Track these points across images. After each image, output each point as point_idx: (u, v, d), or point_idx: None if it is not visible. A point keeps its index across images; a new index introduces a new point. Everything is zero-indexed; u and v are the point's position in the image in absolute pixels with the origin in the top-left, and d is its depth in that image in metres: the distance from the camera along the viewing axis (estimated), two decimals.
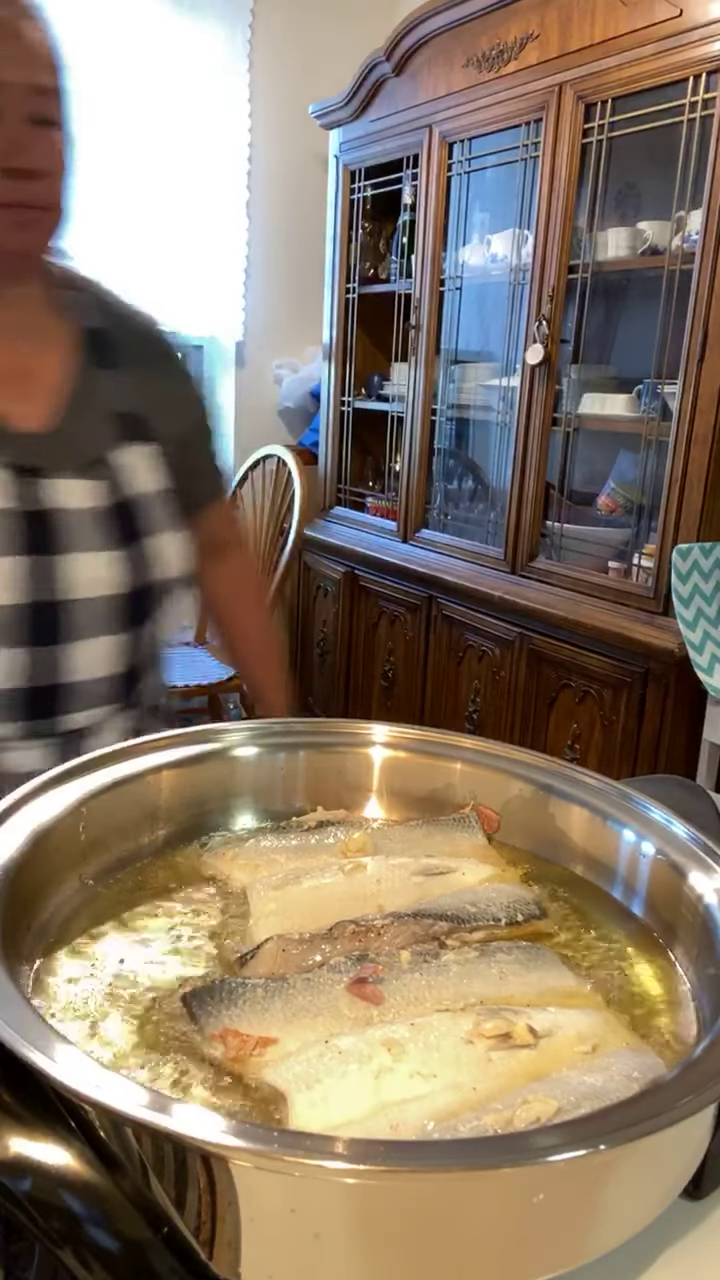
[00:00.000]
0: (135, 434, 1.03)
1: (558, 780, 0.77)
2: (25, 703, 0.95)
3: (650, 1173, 0.45)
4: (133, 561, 0.98)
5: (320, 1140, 0.41)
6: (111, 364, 1.05)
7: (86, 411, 1.01)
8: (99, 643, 0.98)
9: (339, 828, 0.76)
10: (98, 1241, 0.41)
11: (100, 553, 0.97)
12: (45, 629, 0.95)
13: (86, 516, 0.97)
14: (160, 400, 1.08)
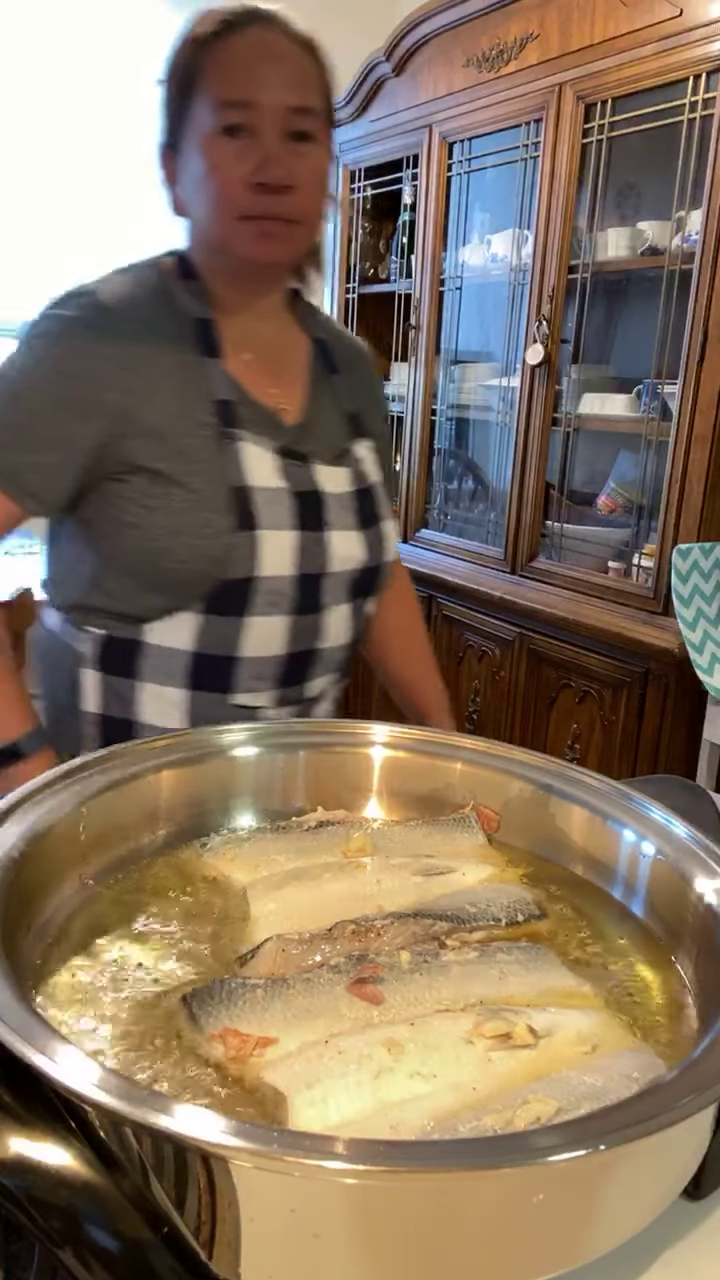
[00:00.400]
0: (360, 431, 1.14)
1: (558, 780, 0.77)
2: (285, 669, 1.04)
3: (650, 1173, 0.45)
4: (370, 542, 1.09)
5: (320, 1140, 0.41)
6: (334, 369, 1.15)
7: (326, 409, 1.11)
8: (342, 611, 1.08)
9: (339, 828, 0.76)
10: (98, 1241, 0.41)
11: (351, 531, 1.07)
12: (309, 598, 1.04)
13: (341, 499, 1.07)
14: (367, 403, 1.19)
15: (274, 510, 1.01)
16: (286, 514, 1.02)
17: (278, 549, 1.01)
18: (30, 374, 1.02)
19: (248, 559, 0.99)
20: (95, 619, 1.07)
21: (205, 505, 0.99)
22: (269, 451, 1.02)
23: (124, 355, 1.01)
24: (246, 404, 1.04)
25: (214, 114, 0.97)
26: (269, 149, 0.95)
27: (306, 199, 0.99)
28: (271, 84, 0.96)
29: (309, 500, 1.04)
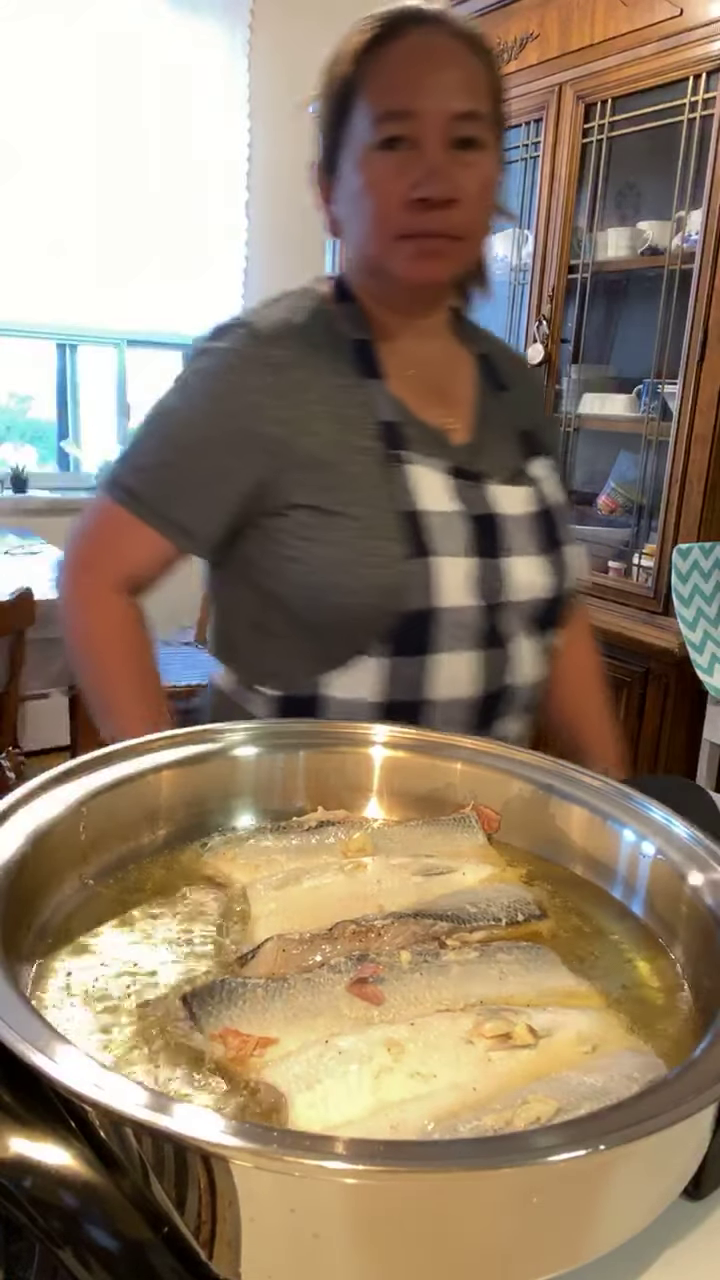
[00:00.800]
0: (534, 449, 1.07)
1: (558, 780, 0.77)
2: (477, 711, 0.97)
3: (650, 1173, 0.45)
4: (555, 567, 1.02)
5: (320, 1140, 0.41)
6: (501, 386, 1.09)
7: (497, 427, 1.05)
8: (529, 645, 1.00)
9: (339, 828, 0.76)
10: (98, 1241, 0.41)
11: (533, 557, 1.00)
12: (495, 631, 0.97)
13: (521, 522, 1.00)
14: (539, 420, 1.13)
15: (448, 535, 0.95)
16: (462, 539, 0.95)
17: (455, 577, 0.94)
18: (183, 410, 1.00)
19: (425, 588, 0.93)
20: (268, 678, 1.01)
21: (373, 533, 0.93)
22: (439, 472, 0.97)
23: (279, 385, 0.96)
24: (412, 424, 0.99)
25: (372, 127, 0.91)
26: (431, 161, 0.89)
27: (471, 212, 0.92)
28: (433, 90, 0.90)
29: (485, 524, 0.97)
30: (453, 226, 0.91)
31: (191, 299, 3.45)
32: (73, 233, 3.17)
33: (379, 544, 0.93)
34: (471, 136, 0.90)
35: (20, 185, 3.06)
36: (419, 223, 0.90)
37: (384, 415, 0.97)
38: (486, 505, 0.98)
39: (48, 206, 3.11)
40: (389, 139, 0.90)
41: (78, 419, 3.58)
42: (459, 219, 0.91)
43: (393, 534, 0.93)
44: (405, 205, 0.90)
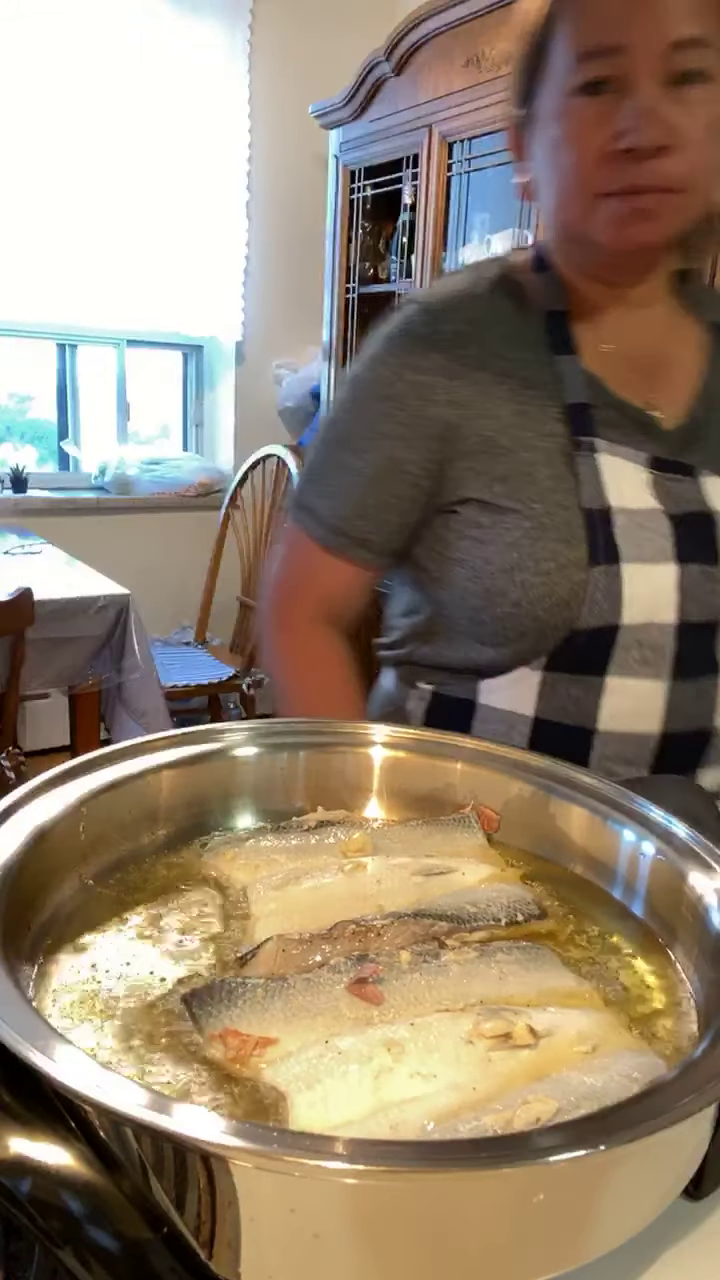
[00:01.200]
0: None
1: (558, 780, 0.77)
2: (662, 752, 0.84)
3: (650, 1173, 0.45)
4: None
5: (320, 1140, 0.41)
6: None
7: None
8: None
9: (339, 828, 0.76)
10: (98, 1241, 0.41)
11: None
12: (698, 657, 0.83)
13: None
14: None
15: (644, 538, 0.82)
16: (662, 543, 0.82)
17: (651, 588, 0.81)
18: (350, 404, 0.90)
19: (608, 602, 0.81)
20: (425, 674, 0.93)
21: (549, 533, 0.82)
22: (637, 463, 0.84)
23: (451, 362, 0.85)
24: (609, 405, 0.86)
25: (573, 68, 0.78)
26: (641, 103, 0.75)
27: (692, 157, 0.77)
28: (644, 17, 0.75)
29: (696, 524, 0.83)
30: (667, 178, 0.77)
31: (191, 299, 3.45)
32: (73, 233, 3.17)
33: (554, 547, 0.81)
34: (695, 70, 0.76)
35: (20, 185, 3.06)
36: (624, 177, 0.77)
37: (574, 396, 0.85)
38: (699, 502, 0.84)
39: (48, 206, 3.11)
40: (592, 82, 0.77)
41: (78, 419, 3.58)
42: (675, 169, 0.77)
43: (573, 535, 0.81)
44: (609, 157, 0.77)
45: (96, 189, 3.16)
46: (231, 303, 3.52)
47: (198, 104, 3.26)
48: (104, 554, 2.94)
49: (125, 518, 3.48)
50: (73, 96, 3.05)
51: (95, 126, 3.11)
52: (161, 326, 3.47)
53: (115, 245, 3.24)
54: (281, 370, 3.66)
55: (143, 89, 3.15)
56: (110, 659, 2.30)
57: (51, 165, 3.08)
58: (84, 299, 3.26)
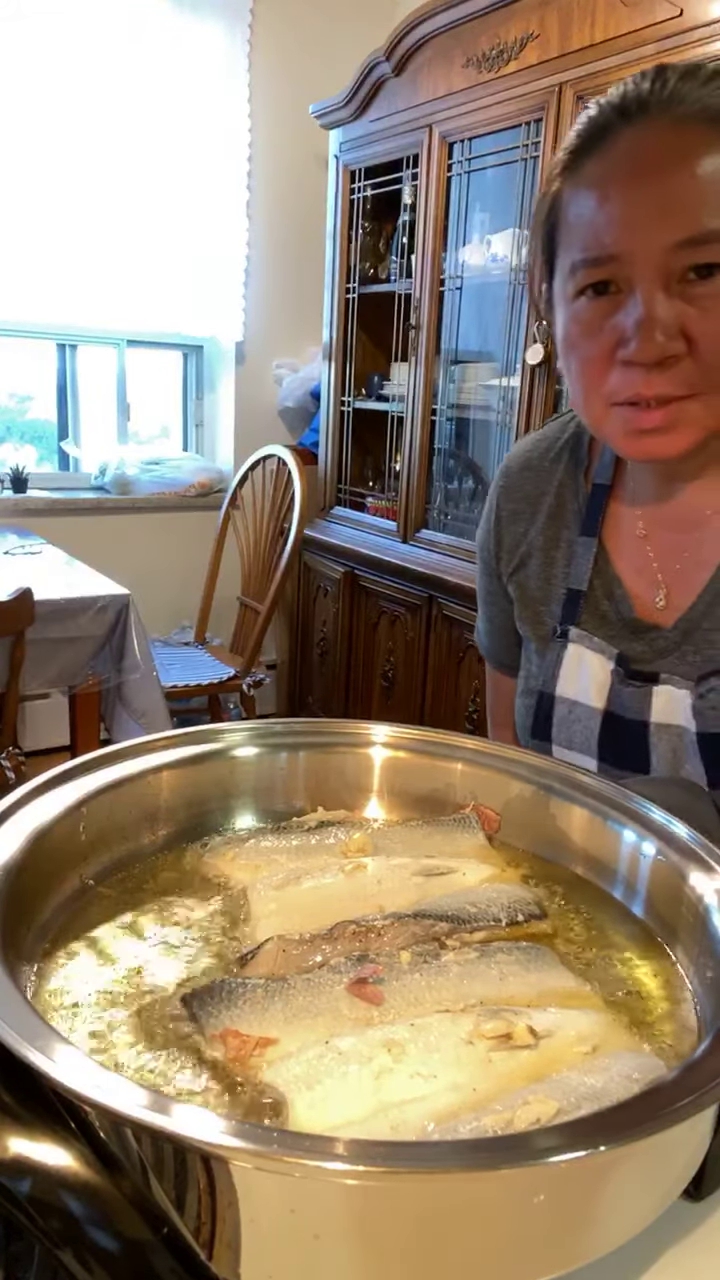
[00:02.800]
0: None
1: (558, 780, 0.77)
2: None
3: (650, 1174, 0.45)
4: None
5: (320, 1141, 0.41)
6: None
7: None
8: None
9: (339, 828, 0.76)
10: (98, 1242, 0.41)
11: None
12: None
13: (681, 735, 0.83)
14: None
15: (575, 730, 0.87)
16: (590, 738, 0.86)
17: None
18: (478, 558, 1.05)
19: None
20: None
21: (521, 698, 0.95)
22: (606, 659, 0.86)
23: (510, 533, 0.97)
24: (605, 597, 0.88)
25: (570, 273, 0.75)
26: (641, 312, 0.70)
27: (709, 357, 0.70)
28: (638, 218, 0.69)
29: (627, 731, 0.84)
30: (679, 387, 0.72)
31: (191, 299, 3.45)
32: (73, 233, 3.17)
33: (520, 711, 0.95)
34: (706, 264, 0.69)
35: (20, 185, 3.06)
36: (631, 386, 0.72)
37: (576, 581, 0.89)
38: (640, 711, 0.84)
39: (48, 207, 3.11)
40: (594, 284, 0.73)
41: (78, 419, 3.58)
42: (688, 374, 0.71)
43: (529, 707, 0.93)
44: (614, 367, 0.73)
45: (96, 189, 3.16)
46: (231, 303, 3.52)
47: (198, 104, 3.26)
48: (104, 554, 2.94)
49: (125, 518, 3.48)
50: (73, 96, 3.05)
51: (95, 127, 3.11)
52: (161, 326, 3.47)
53: (115, 245, 3.24)
54: (281, 370, 3.66)
55: (143, 89, 3.15)
56: (110, 659, 2.30)
57: (51, 165, 3.08)
58: (84, 299, 3.25)
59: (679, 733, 0.83)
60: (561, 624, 0.90)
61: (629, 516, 0.89)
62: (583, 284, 0.74)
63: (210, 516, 3.48)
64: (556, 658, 0.90)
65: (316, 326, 3.34)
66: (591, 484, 0.91)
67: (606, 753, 0.88)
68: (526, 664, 0.96)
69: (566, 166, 0.75)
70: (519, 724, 0.97)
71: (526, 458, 0.98)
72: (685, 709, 0.82)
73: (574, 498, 0.92)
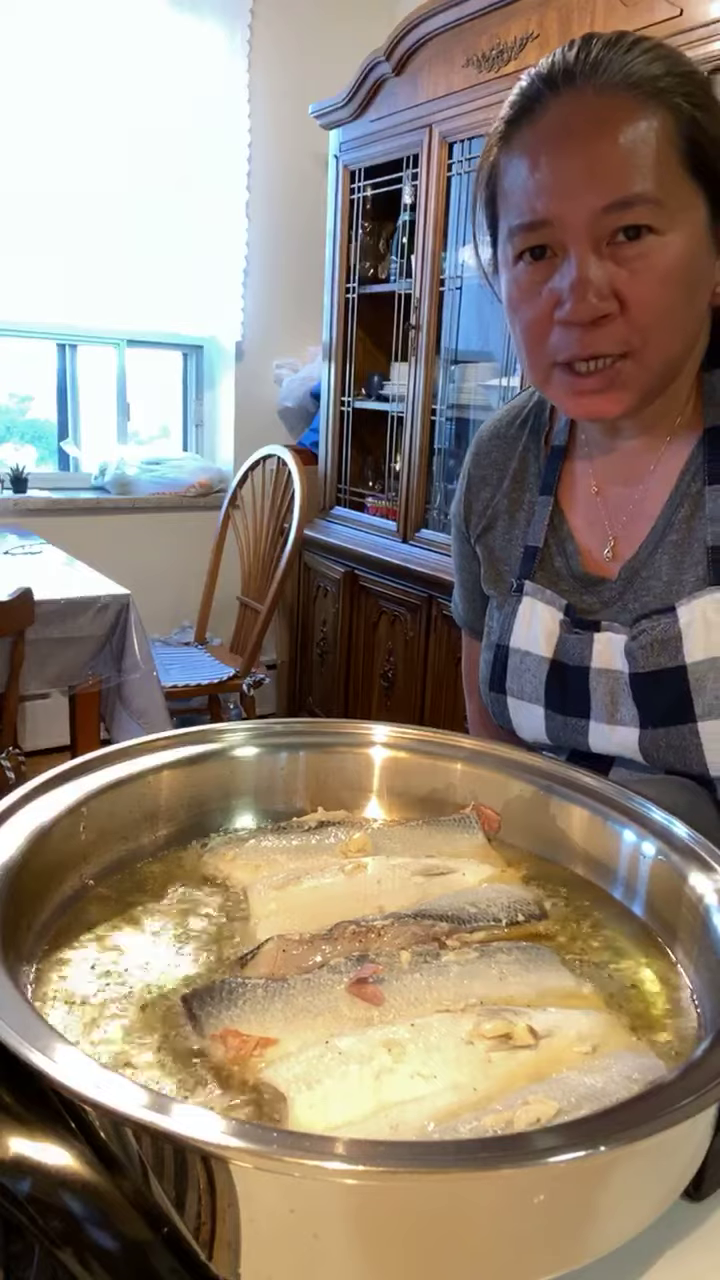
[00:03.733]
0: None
1: (558, 781, 0.77)
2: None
3: (650, 1174, 0.45)
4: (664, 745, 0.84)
5: (320, 1141, 0.41)
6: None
7: (674, 547, 0.85)
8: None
9: (339, 828, 0.76)
10: (98, 1242, 0.41)
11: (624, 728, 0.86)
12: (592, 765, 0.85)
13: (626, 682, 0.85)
14: None
15: (525, 679, 0.92)
16: (538, 686, 0.91)
17: (528, 719, 0.93)
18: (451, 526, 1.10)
19: (502, 720, 0.97)
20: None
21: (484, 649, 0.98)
22: (555, 610, 0.90)
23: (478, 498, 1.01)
24: (558, 553, 0.92)
25: (509, 239, 0.78)
26: (574, 273, 0.73)
27: (641, 317, 0.74)
28: (569, 184, 0.73)
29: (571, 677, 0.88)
30: (614, 345, 0.75)
31: (191, 299, 3.45)
32: (73, 233, 3.17)
33: (482, 665, 0.98)
34: (634, 225, 0.72)
35: (20, 185, 3.06)
36: (569, 346, 0.76)
37: (532, 539, 0.94)
38: (582, 657, 0.87)
39: (48, 207, 3.11)
40: (530, 249, 0.77)
41: (78, 419, 3.58)
42: (621, 333, 0.74)
43: (488, 660, 0.97)
44: (554, 327, 0.76)
45: (97, 189, 3.16)
46: (231, 303, 3.52)
47: (198, 104, 3.26)
48: (104, 554, 2.94)
49: (125, 518, 3.48)
50: (73, 96, 3.05)
51: (95, 127, 3.10)
52: (161, 327, 3.46)
53: (115, 245, 3.23)
54: (281, 370, 3.65)
55: (143, 89, 3.15)
56: (110, 659, 2.30)
57: (51, 165, 3.08)
58: (84, 299, 3.25)
59: (616, 676, 0.86)
60: (518, 579, 0.94)
61: (583, 475, 0.93)
62: (520, 248, 0.77)
63: (210, 516, 3.48)
64: (512, 611, 0.94)
65: (316, 326, 3.34)
66: (550, 446, 0.96)
67: (553, 699, 0.90)
68: (489, 621, 1.00)
69: (502, 136, 0.79)
70: (480, 680, 0.99)
71: (495, 427, 1.02)
72: (620, 653, 0.86)
73: (535, 460, 0.97)
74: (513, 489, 0.98)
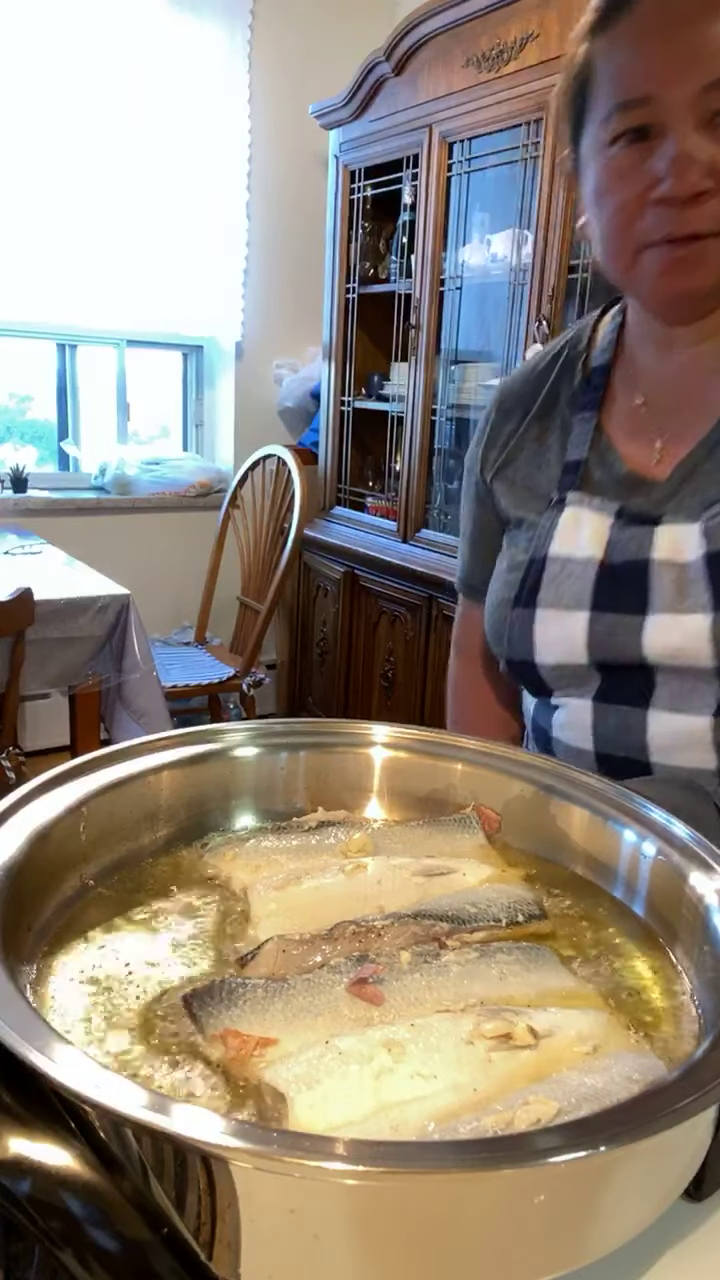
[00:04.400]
0: None
1: (558, 781, 0.77)
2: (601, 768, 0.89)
3: (651, 1174, 0.45)
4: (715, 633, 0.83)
5: (320, 1141, 0.41)
6: None
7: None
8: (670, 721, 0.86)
9: (340, 828, 0.76)
10: (98, 1242, 0.41)
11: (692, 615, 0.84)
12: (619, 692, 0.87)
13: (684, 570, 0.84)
14: None
15: (567, 586, 0.88)
16: (581, 590, 0.87)
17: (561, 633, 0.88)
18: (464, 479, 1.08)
19: (523, 642, 0.91)
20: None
21: (500, 578, 0.96)
22: (603, 514, 0.88)
23: (495, 432, 1.00)
24: (602, 463, 0.92)
25: (606, 122, 0.79)
26: (675, 150, 0.74)
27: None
28: (671, 63, 0.74)
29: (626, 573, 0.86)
30: (712, 222, 0.76)
31: (191, 299, 3.45)
32: (73, 233, 3.17)
33: (498, 588, 0.95)
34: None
35: (20, 185, 3.06)
36: (662, 226, 0.77)
37: (572, 454, 0.92)
38: (640, 551, 0.85)
39: (48, 207, 3.11)
40: (627, 131, 0.77)
41: (78, 419, 3.58)
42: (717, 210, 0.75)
43: (512, 580, 0.93)
44: (648, 207, 0.77)
45: (97, 189, 3.16)
46: (231, 303, 3.52)
47: (198, 104, 3.26)
48: (104, 554, 2.94)
49: (125, 518, 3.48)
50: (73, 96, 3.05)
51: (95, 127, 3.10)
52: (161, 327, 3.47)
53: (115, 245, 3.23)
54: (281, 370, 3.65)
55: (142, 89, 3.15)
56: (110, 659, 2.30)
57: (51, 166, 3.08)
58: (84, 299, 3.26)
59: (682, 566, 0.85)
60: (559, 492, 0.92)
61: (626, 392, 0.93)
62: (617, 130, 0.78)
63: (210, 516, 3.48)
64: (551, 523, 0.91)
65: (316, 326, 3.34)
66: (590, 368, 0.96)
67: (603, 598, 0.87)
68: (510, 549, 0.97)
69: (595, 26, 0.82)
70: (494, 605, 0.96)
71: (524, 369, 1.03)
72: (692, 539, 0.84)
73: (567, 387, 0.97)
74: (540, 416, 0.98)
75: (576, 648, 0.88)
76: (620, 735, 0.89)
